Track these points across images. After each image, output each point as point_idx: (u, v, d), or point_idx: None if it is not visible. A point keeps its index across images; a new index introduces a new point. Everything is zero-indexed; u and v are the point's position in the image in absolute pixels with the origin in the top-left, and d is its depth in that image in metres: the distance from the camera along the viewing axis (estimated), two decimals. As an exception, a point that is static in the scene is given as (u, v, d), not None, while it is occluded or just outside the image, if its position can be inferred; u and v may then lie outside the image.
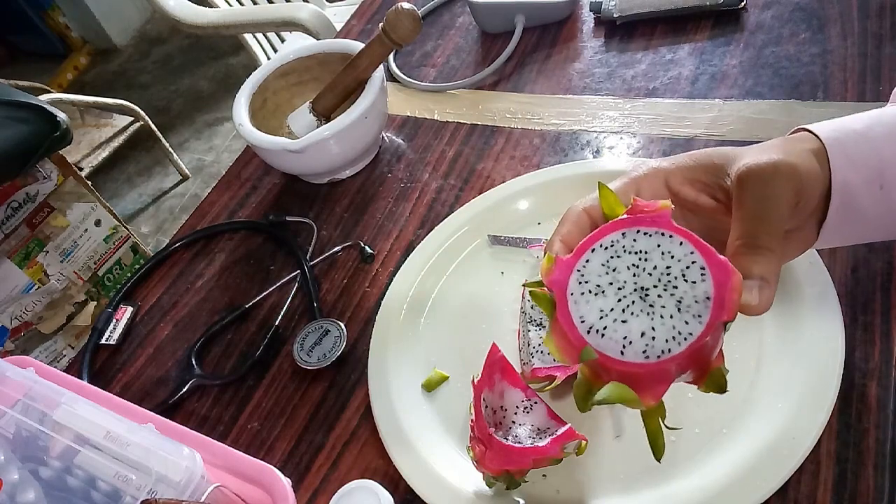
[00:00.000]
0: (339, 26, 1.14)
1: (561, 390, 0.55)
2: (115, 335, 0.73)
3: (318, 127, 0.77)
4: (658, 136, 0.71)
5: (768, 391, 0.50)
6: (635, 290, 0.38)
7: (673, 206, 0.39)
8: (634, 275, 0.38)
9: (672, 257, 0.38)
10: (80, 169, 2.02)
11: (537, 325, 0.57)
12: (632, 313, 0.37)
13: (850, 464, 0.46)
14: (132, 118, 2.22)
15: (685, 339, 0.36)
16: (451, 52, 0.92)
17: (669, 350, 0.36)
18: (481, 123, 0.81)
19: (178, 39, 2.97)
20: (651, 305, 0.37)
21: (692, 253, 0.37)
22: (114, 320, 0.74)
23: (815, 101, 0.68)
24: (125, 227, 1.62)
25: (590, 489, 0.50)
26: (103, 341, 0.73)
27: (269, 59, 1.63)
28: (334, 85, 0.78)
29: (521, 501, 0.51)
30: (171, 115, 2.63)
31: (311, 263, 0.73)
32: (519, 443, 0.49)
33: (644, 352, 0.37)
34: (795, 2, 0.78)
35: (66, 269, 1.49)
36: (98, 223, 1.55)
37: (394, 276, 0.67)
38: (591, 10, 0.87)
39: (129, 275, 0.92)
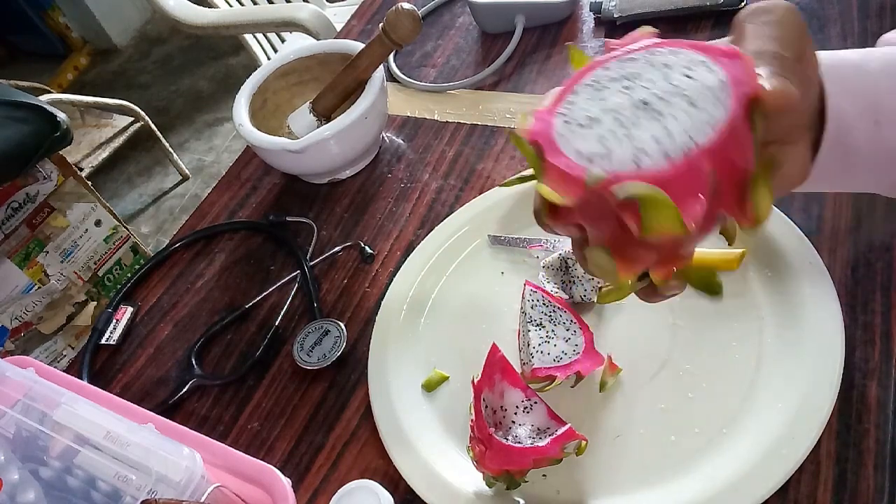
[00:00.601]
0: (339, 26, 1.14)
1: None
2: (115, 335, 0.73)
3: (318, 127, 0.77)
4: (658, 136, 0.71)
5: (768, 391, 0.50)
6: (634, 106, 0.32)
7: (654, 30, 0.35)
8: (629, 95, 0.32)
9: (667, 66, 0.32)
10: (80, 169, 2.02)
11: (537, 325, 0.57)
12: (637, 126, 0.31)
13: (850, 464, 0.46)
14: (132, 118, 2.22)
15: (710, 126, 0.30)
16: (451, 52, 0.92)
17: (694, 142, 0.29)
18: (481, 123, 0.81)
19: (178, 39, 2.97)
20: (658, 112, 0.31)
21: (689, 55, 0.32)
22: (114, 320, 0.74)
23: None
24: (125, 227, 1.62)
25: (590, 489, 0.50)
26: (103, 341, 0.73)
27: (269, 59, 1.63)
28: (334, 85, 0.78)
29: (521, 501, 0.51)
30: (171, 115, 2.63)
31: (311, 263, 0.73)
32: (519, 443, 0.49)
33: (665, 154, 0.30)
34: (795, 2, 0.78)
35: (66, 269, 1.49)
36: (98, 223, 1.54)
37: (394, 276, 0.67)
38: (591, 10, 0.87)
39: (129, 275, 0.92)
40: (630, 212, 0.30)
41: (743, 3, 0.78)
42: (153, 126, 2.25)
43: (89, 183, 1.53)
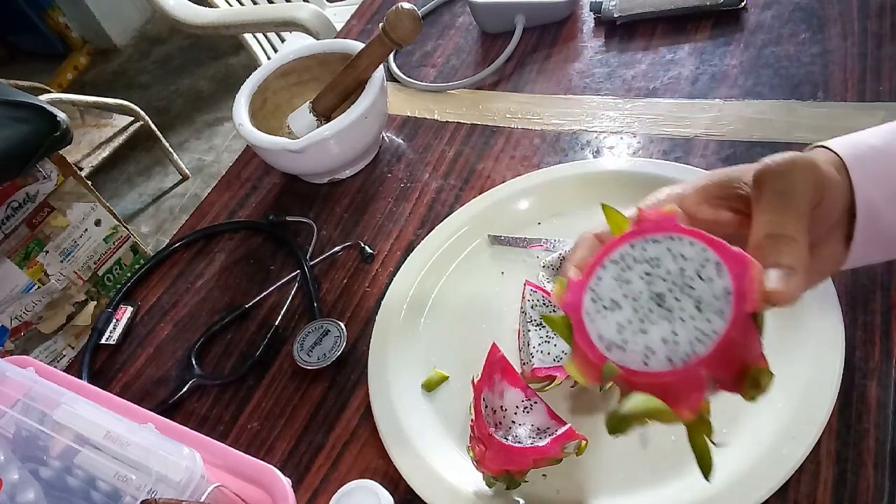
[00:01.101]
0: (339, 26, 1.14)
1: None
2: (115, 335, 0.73)
3: (318, 127, 0.77)
4: (658, 136, 0.71)
5: (768, 391, 0.50)
6: (651, 298, 0.37)
7: (679, 210, 0.39)
8: (648, 283, 0.37)
9: (684, 258, 0.36)
10: (80, 169, 2.02)
11: (537, 325, 0.57)
12: (651, 322, 0.36)
13: (850, 464, 0.46)
14: (132, 118, 2.22)
15: (709, 337, 0.34)
16: (451, 52, 0.92)
17: (695, 352, 0.34)
18: (481, 123, 0.81)
19: (178, 39, 2.97)
20: (669, 310, 0.36)
21: (705, 251, 0.36)
22: (114, 320, 0.74)
23: (815, 101, 0.68)
24: (125, 227, 1.62)
25: (590, 489, 0.50)
26: (103, 341, 0.73)
27: (269, 59, 1.63)
28: (334, 85, 0.78)
29: (521, 501, 0.51)
30: (171, 115, 2.63)
31: (311, 263, 0.73)
32: (519, 443, 0.49)
33: (669, 358, 0.35)
34: (795, 2, 0.78)
35: (66, 269, 1.49)
36: (98, 223, 1.54)
37: (394, 276, 0.67)
38: (591, 10, 0.87)
39: (129, 275, 0.92)
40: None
41: (743, 4, 0.78)
42: (153, 126, 2.25)
43: (89, 183, 1.54)
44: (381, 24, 0.73)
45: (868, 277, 0.54)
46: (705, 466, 0.37)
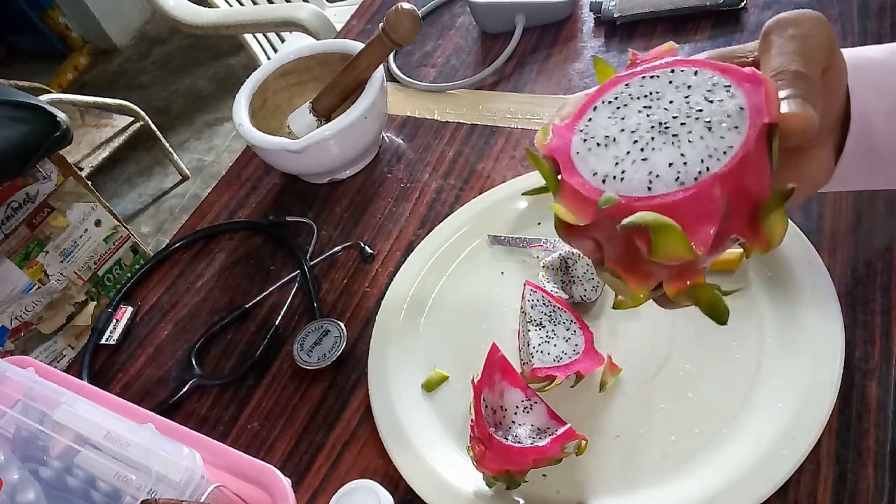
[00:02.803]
0: (339, 26, 1.14)
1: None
2: (115, 335, 0.73)
3: (318, 127, 0.77)
4: (658, 136, 0.71)
5: (768, 391, 0.50)
6: (652, 127, 0.32)
7: (677, 45, 0.34)
8: (648, 115, 0.32)
9: (688, 87, 0.33)
10: (80, 169, 2.02)
11: (537, 325, 0.57)
12: (653, 149, 0.31)
13: (850, 464, 0.46)
14: (132, 118, 2.22)
15: (725, 153, 0.30)
16: (451, 52, 0.92)
17: (708, 168, 0.30)
18: (481, 123, 0.81)
19: (178, 39, 2.97)
20: (675, 135, 0.31)
21: (712, 76, 0.32)
22: (114, 320, 0.74)
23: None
24: (125, 227, 1.62)
25: (590, 489, 0.50)
26: (103, 341, 0.73)
27: (269, 59, 1.63)
28: (334, 85, 0.78)
29: (521, 501, 0.51)
30: (171, 115, 2.63)
31: (311, 263, 0.73)
32: (519, 443, 0.49)
33: (677, 179, 0.30)
34: (795, 2, 0.78)
35: (66, 269, 1.49)
36: (98, 223, 1.54)
37: (394, 276, 0.67)
38: (591, 10, 0.87)
39: (129, 275, 0.92)
40: (640, 235, 0.30)
41: (743, 4, 0.78)
42: (153, 126, 2.25)
43: (89, 183, 1.53)
44: (380, 25, 0.73)
45: (868, 277, 0.54)
46: (720, 313, 0.32)
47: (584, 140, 0.33)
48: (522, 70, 0.85)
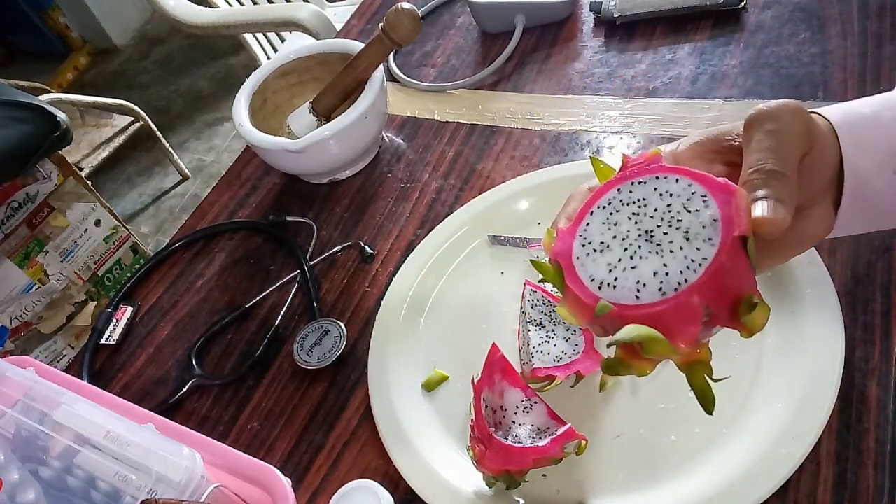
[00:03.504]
0: (339, 26, 1.14)
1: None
2: (115, 335, 0.73)
3: (318, 127, 0.77)
4: (658, 136, 0.71)
5: (768, 391, 0.50)
6: (640, 235, 0.36)
7: (663, 151, 0.39)
8: (636, 223, 0.37)
9: (671, 195, 0.37)
10: (80, 169, 2.02)
11: (537, 325, 0.57)
12: (640, 258, 0.36)
13: (850, 464, 0.46)
14: (132, 118, 2.22)
15: (700, 264, 0.34)
16: (451, 52, 0.92)
17: (686, 280, 0.34)
18: (481, 123, 0.81)
19: (178, 39, 2.97)
20: (658, 244, 0.36)
21: (690, 185, 0.36)
22: (114, 320, 0.74)
23: (815, 101, 0.68)
24: (125, 227, 1.62)
25: (590, 489, 0.50)
26: (103, 341, 0.73)
27: (269, 59, 1.63)
28: (334, 85, 0.78)
29: (521, 501, 0.51)
30: (171, 115, 2.63)
31: (311, 263, 0.73)
32: (519, 443, 0.49)
33: (660, 289, 0.34)
34: (795, 2, 0.78)
35: (66, 269, 1.49)
36: (98, 223, 1.54)
37: (394, 276, 0.67)
38: (591, 10, 0.87)
39: (129, 275, 0.92)
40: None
41: (743, 4, 0.78)
42: (153, 126, 2.25)
43: (89, 183, 1.54)
44: (380, 24, 0.73)
45: (868, 277, 0.54)
46: (707, 403, 0.36)
47: (583, 245, 0.38)
48: (522, 70, 0.85)
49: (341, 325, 0.65)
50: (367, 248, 0.72)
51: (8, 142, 1.22)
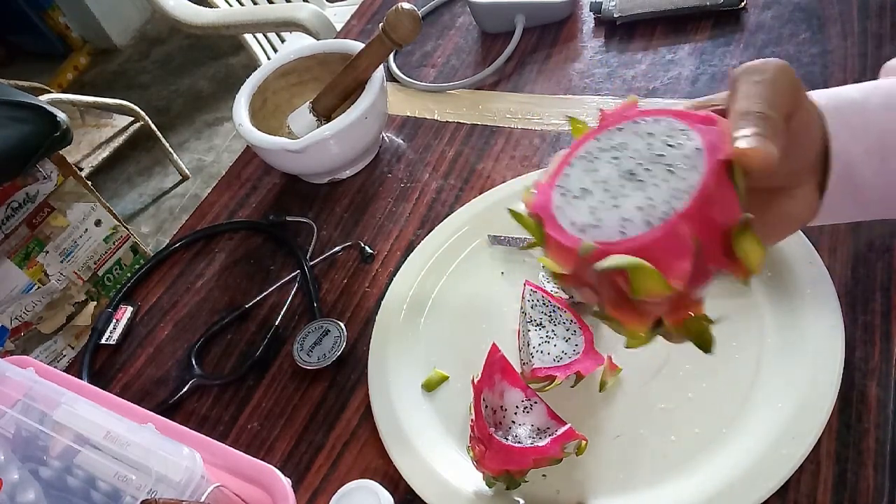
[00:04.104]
0: (339, 26, 1.14)
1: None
2: (115, 335, 0.73)
3: (318, 127, 0.77)
4: (658, 136, 0.71)
5: (768, 391, 0.50)
6: (620, 176, 0.35)
7: (639, 98, 0.38)
8: (617, 166, 0.36)
9: (651, 135, 0.36)
10: (80, 169, 2.02)
11: (537, 325, 0.57)
12: (624, 196, 0.34)
13: (850, 464, 0.46)
14: (132, 118, 2.22)
15: (686, 192, 0.33)
16: (451, 52, 0.92)
17: (673, 209, 0.32)
18: (481, 123, 0.81)
19: (178, 39, 2.97)
20: (641, 181, 0.34)
21: (671, 123, 0.36)
22: (114, 320, 0.74)
23: (815, 101, 0.68)
24: (125, 227, 1.62)
25: (590, 489, 0.50)
26: (103, 341, 0.73)
27: (269, 59, 1.63)
28: (334, 85, 0.78)
29: (521, 501, 0.51)
30: (171, 115, 2.63)
31: (311, 263, 0.73)
32: (519, 443, 0.49)
33: (647, 221, 0.33)
34: (795, 2, 0.78)
35: (66, 269, 1.49)
36: (98, 223, 1.54)
37: (394, 276, 0.67)
38: (591, 10, 0.87)
39: (129, 275, 0.92)
40: (621, 277, 0.33)
41: (743, 4, 0.78)
42: (153, 126, 2.25)
43: (89, 183, 1.54)
44: (380, 25, 0.73)
45: (868, 277, 0.54)
46: (705, 343, 0.35)
47: (563, 194, 0.36)
48: (522, 70, 0.85)
49: (341, 325, 0.65)
50: (367, 248, 0.72)
51: (8, 142, 1.22)
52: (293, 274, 0.73)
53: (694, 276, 0.32)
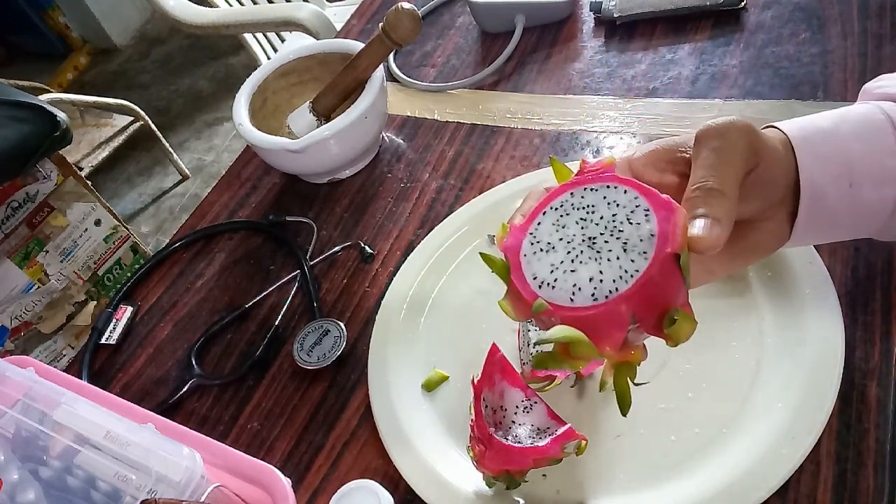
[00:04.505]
0: (339, 26, 1.14)
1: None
2: (115, 335, 0.73)
3: (318, 127, 0.77)
4: (658, 136, 0.71)
5: (768, 391, 0.50)
6: (583, 240, 0.38)
7: (616, 159, 0.41)
8: (582, 228, 0.39)
9: (617, 205, 0.38)
10: (80, 169, 2.02)
11: (537, 325, 0.57)
12: (581, 262, 0.38)
13: (850, 464, 0.46)
14: (132, 118, 2.22)
15: (632, 276, 0.36)
16: (451, 52, 0.92)
17: (617, 289, 0.36)
18: (481, 123, 0.81)
19: (178, 39, 2.97)
20: (598, 252, 0.38)
21: (636, 198, 0.38)
22: (114, 320, 0.74)
23: (815, 101, 0.68)
24: (125, 227, 1.62)
25: (590, 489, 0.50)
26: (103, 341, 0.73)
27: (269, 59, 1.63)
28: (334, 85, 0.78)
29: (521, 501, 0.51)
30: (171, 115, 2.63)
31: (311, 263, 0.73)
32: (519, 443, 0.49)
33: (593, 295, 0.37)
34: (795, 2, 0.78)
35: (66, 268, 1.49)
36: (98, 223, 1.54)
37: (394, 276, 0.67)
38: (591, 10, 0.87)
39: (129, 275, 0.92)
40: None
41: (743, 4, 0.78)
42: (153, 126, 2.25)
43: (89, 182, 1.54)
44: (380, 24, 0.73)
45: (868, 277, 0.54)
46: (624, 405, 0.39)
47: (532, 244, 0.40)
48: (522, 70, 0.85)
49: (341, 325, 0.65)
50: (367, 248, 0.72)
51: (8, 142, 1.22)
52: (293, 274, 0.73)
53: (626, 342, 0.37)
